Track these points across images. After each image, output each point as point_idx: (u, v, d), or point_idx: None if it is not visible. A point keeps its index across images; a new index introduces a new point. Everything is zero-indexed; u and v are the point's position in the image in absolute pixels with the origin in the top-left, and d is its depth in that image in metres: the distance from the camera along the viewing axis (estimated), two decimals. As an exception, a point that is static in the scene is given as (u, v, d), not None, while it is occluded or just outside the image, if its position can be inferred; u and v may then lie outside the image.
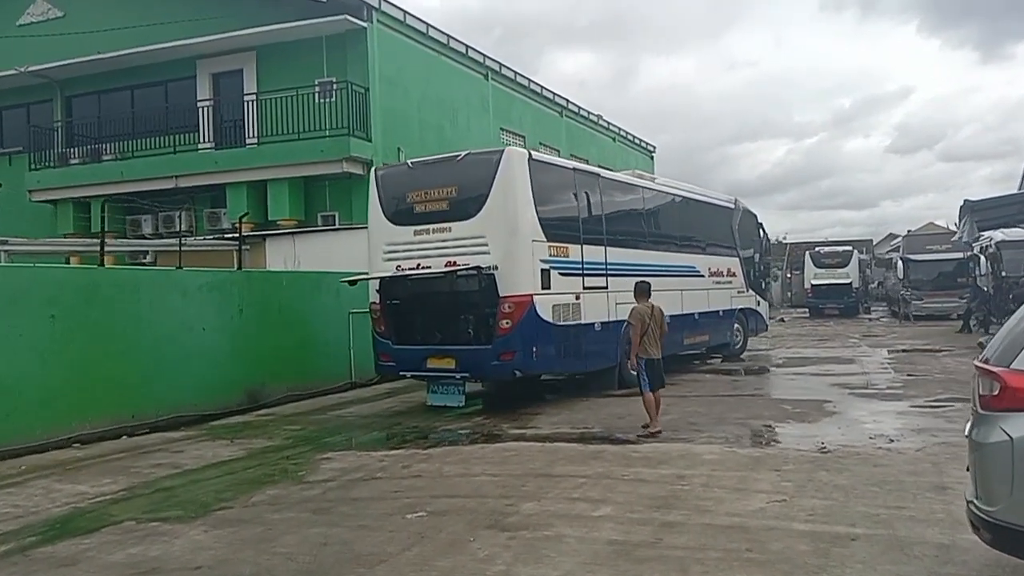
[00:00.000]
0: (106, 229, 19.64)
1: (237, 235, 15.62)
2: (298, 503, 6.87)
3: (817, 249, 42.49)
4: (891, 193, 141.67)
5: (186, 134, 19.17)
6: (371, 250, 12.33)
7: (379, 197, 12.28)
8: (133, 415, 11.11)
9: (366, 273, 12.49)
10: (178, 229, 17.62)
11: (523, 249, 11.12)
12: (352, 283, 13.15)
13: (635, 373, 10.20)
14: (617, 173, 14.97)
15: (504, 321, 10.96)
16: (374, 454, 8.89)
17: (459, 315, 11.64)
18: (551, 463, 8.03)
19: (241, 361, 12.83)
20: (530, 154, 11.74)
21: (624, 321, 11.11)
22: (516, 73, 23.67)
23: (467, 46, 21.08)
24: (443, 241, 11.38)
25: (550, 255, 11.51)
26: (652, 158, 37.07)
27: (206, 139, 19.27)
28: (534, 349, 11.10)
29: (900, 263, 35.22)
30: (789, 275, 49.59)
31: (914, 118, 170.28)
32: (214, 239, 18.04)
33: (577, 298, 11.96)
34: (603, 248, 12.74)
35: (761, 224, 20.32)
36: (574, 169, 13.02)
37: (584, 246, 12.26)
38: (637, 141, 35.09)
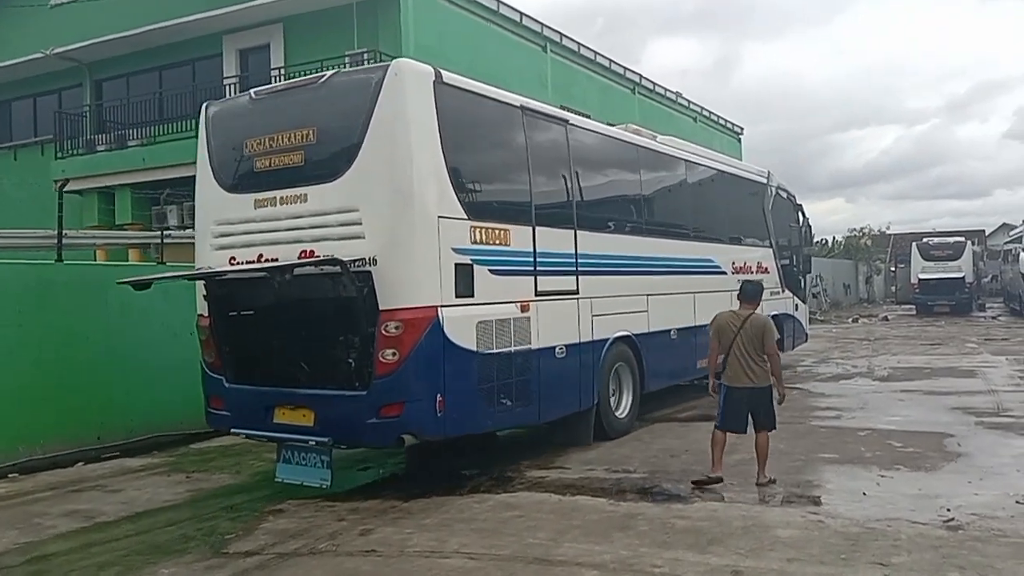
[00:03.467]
0: (131, 220, 18.56)
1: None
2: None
3: (925, 240, 38.69)
4: (1006, 181, 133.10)
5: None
6: (198, 232, 7.94)
7: (208, 148, 7.79)
8: (99, 436, 9.44)
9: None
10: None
11: (421, 231, 6.69)
12: (140, 287, 8.23)
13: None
14: (597, 123, 10.49)
15: (387, 351, 6.52)
16: (338, 506, 6.83)
17: (320, 339, 7.06)
18: (559, 535, 5.81)
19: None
20: (438, 74, 7.04)
21: (607, 340, 8.98)
22: (580, 45, 21.34)
23: (521, 14, 18.91)
24: (296, 217, 7.00)
25: (474, 242, 7.15)
26: (740, 141, 34.06)
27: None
28: (439, 397, 6.65)
29: (1022, 255, 31.30)
30: (894, 269, 45.70)
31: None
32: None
33: (524, 309, 7.66)
34: (572, 232, 8.58)
35: (801, 206, 16.25)
36: (522, 108, 8.20)
37: (539, 229, 8.00)
38: (723, 122, 32.16)
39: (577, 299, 8.56)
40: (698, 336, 10.96)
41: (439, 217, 6.83)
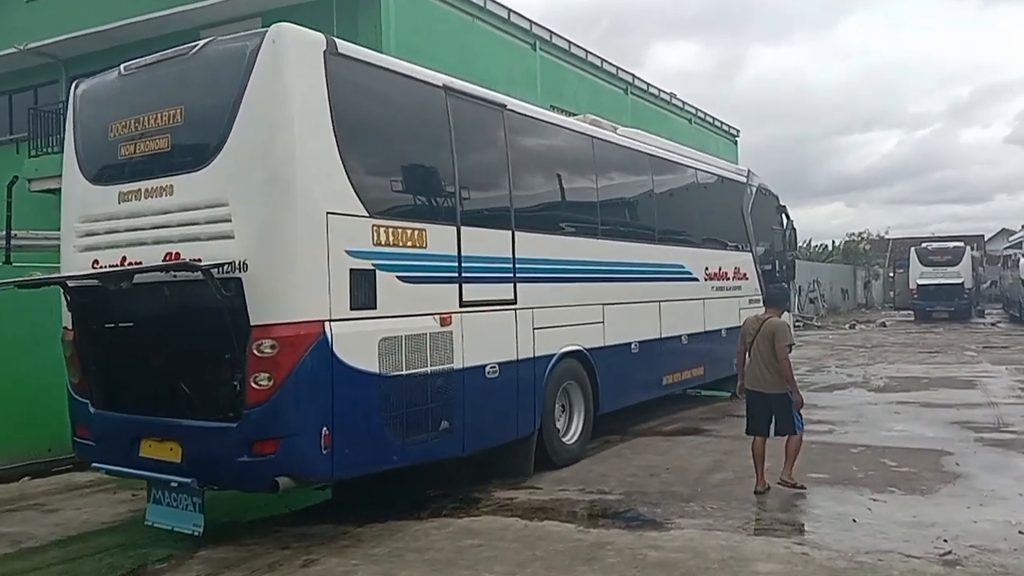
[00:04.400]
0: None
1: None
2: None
3: (924, 245, 38.20)
4: (1007, 186, 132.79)
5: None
6: (62, 232, 6.78)
7: (74, 133, 6.72)
8: (50, 448, 8.90)
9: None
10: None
11: (303, 229, 5.59)
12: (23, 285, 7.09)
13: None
14: (543, 110, 9.33)
15: (260, 376, 5.42)
16: (284, 531, 6.30)
17: (187, 359, 6.09)
18: (519, 569, 5.29)
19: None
20: (332, 43, 5.96)
21: (552, 356, 7.97)
22: (570, 43, 20.80)
23: (509, 10, 18.38)
24: (163, 213, 5.91)
25: (378, 243, 6.05)
26: (736, 143, 33.54)
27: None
28: (325, 431, 5.53)
29: (1023, 261, 30.82)
30: (892, 274, 45.22)
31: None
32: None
33: (444, 322, 6.60)
34: (508, 234, 7.50)
35: (784, 207, 14.99)
36: (446, 88, 7.05)
37: (466, 229, 6.91)
38: (718, 124, 31.63)
39: (515, 310, 7.48)
40: (665, 349, 10.31)
41: (329, 213, 5.68)
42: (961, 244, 37.58)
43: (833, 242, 55.20)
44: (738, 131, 33.59)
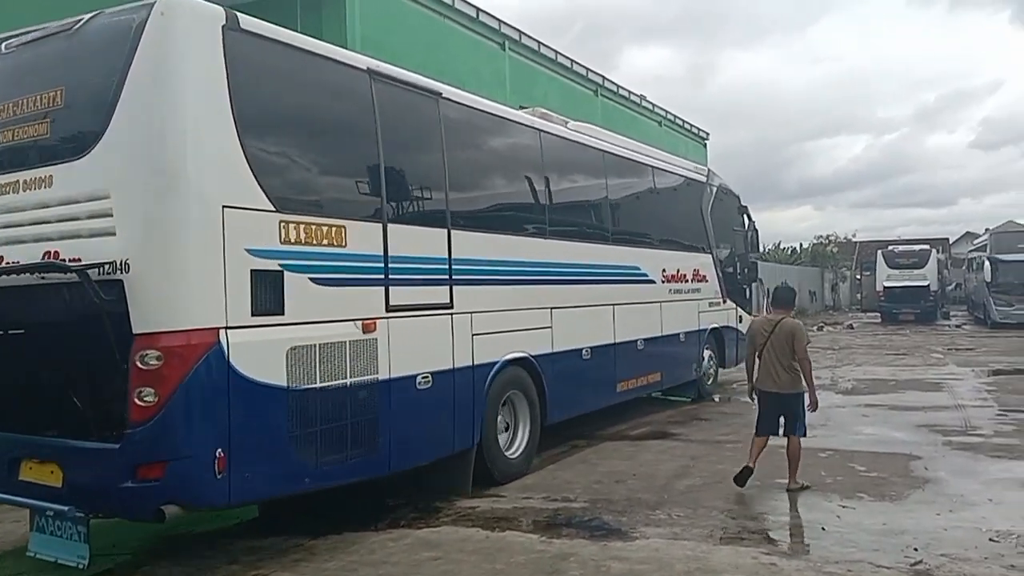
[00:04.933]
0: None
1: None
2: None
3: (891, 248, 38.67)
4: (970, 190, 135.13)
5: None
6: None
7: None
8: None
9: None
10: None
11: (194, 225, 4.99)
12: None
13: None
14: (484, 99, 8.39)
15: (143, 391, 4.79)
16: (235, 544, 6.01)
17: (70, 371, 5.46)
18: (477, 583, 5.09)
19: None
20: (232, 18, 5.28)
21: (494, 364, 7.41)
22: (540, 44, 20.57)
23: (478, 9, 18.11)
24: (42, 207, 5.27)
25: (286, 241, 5.42)
26: (705, 146, 33.54)
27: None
28: (219, 453, 4.90)
29: (987, 263, 31.18)
30: (859, 276, 45.71)
31: (1002, 112, 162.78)
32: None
33: (368, 329, 5.96)
34: (444, 232, 6.91)
35: (746, 208, 14.66)
36: (371, 72, 6.40)
37: (394, 227, 6.31)
38: (688, 127, 31.61)
39: (451, 314, 6.89)
40: (619, 354, 9.80)
41: (225, 207, 5.03)
42: (927, 247, 38.00)
43: (801, 245, 55.73)
44: (708, 134, 33.62)
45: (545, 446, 9.11)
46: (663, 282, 11.24)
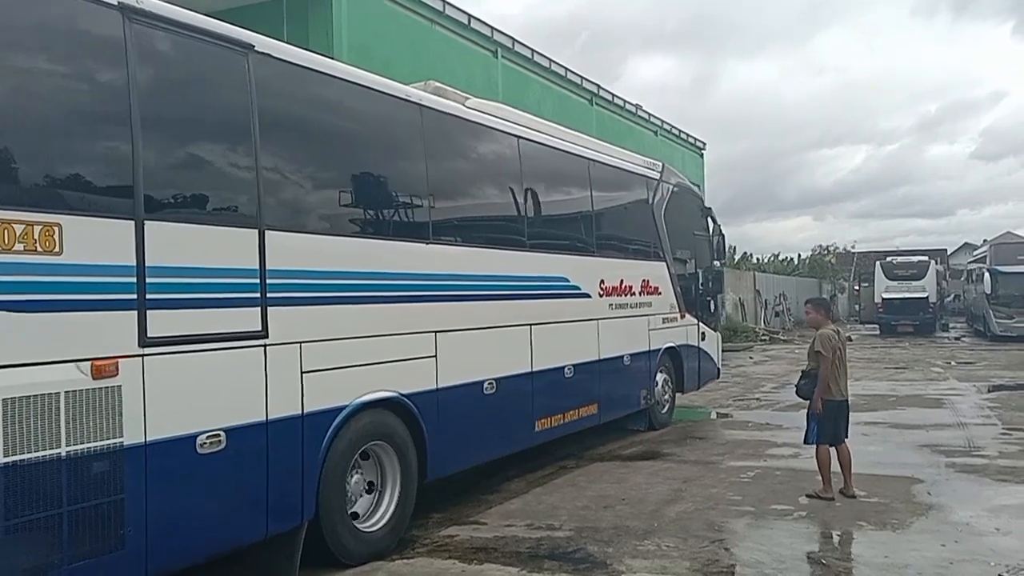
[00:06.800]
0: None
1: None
2: None
3: (889, 259, 38.29)
4: (969, 201, 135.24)
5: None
6: None
7: None
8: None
9: None
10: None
11: None
12: None
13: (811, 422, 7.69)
14: (329, 60, 6.52)
15: None
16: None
17: None
18: (447, 625, 4.71)
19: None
20: None
21: (339, 411, 5.61)
22: (533, 51, 20.28)
23: (469, 16, 17.83)
24: None
25: None
26: (702, 156, 33.26)
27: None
28: None
29: (987, 275, 30.88)
30: (857, 287, 45.35)
31: (1004, 123, 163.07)
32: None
33: (101, 372, 4.15)
34: (254, 233, 5.06)
35: (710, 210, 13.08)
36: (122, 7, 4.40)
37: (157, 224, 4.49)
38: (684, 136, 31.34)
39: (264, 346, 5.07)
40: (538, 386, 8.13)
41: None
42: (926, 258, 37.70)
43: (799, 255, 55.39)
44: (704, 144, 33.34)
45: (532, 467, 8.78)
46: (601, 295, 9.55)
